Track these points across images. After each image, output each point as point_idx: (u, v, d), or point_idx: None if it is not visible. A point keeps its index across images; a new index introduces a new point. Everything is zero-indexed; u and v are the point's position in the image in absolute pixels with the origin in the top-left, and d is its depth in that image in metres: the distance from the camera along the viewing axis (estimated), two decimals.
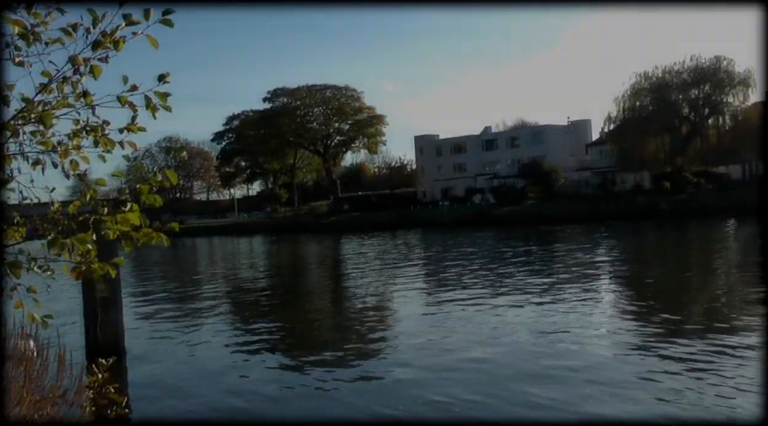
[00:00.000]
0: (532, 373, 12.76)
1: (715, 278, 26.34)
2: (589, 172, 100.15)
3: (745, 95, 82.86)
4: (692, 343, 14.31)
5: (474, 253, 42.90)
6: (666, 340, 14.84)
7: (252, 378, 13.76)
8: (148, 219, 3.93)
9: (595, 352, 14.33)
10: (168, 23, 3.66)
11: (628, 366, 12.99)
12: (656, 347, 14.36)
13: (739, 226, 51.93)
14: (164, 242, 3.92)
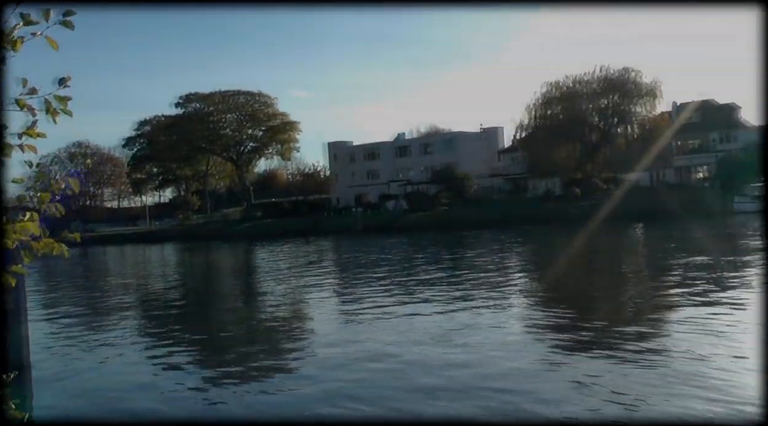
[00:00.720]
0: (430, 379, 12.75)
1: (623, 281, 27.05)
2: (501, 178, 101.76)
3: (652, 105, 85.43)
4: (594, 344, 14.77)
5: (385, 259, 43.09)
6: (570, 343, 15.22)
7: (163, 392, 13.38)
8: (55, 228, 3.76)
9: (499, 354, 14.38)
10: (68, 25, 3.49)
11: (539, 371, 13.08)
12: (560, 348, 14.74)
13: (646, 230, 53.65)
14: (65, 253, 3.74)
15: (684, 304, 19.31)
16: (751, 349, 13.31)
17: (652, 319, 17.97)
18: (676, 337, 15.15)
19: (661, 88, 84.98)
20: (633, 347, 14.18)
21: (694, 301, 19.45)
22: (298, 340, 18.10)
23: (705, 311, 17.64)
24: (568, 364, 13.38)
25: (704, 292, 20.87)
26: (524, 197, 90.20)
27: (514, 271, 31.69)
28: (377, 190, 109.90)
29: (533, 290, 25.57)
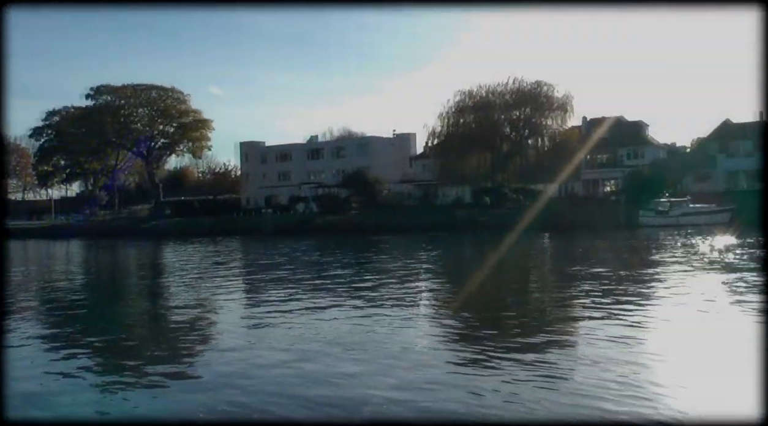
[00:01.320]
0: (320, 388, 12.64)
1: (527, 290, 27.59)
2: (412, 184, 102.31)
3: (563, 119, 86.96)
4: (492, 352, 14.90)
5: (293, 261, 42.85)
6: (470, 351, 15.34)
7: (66, 397, 12.74)
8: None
9: (394, 363, 14.31)
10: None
11: (439, 373, 13.29)
12: (460, 356, 14.90)
13: (554, 241, 54.75)
14: None
15: (581, 313, 19.92)
16: (650, 356, 13.91)
17: (552, 327, 18.18)
18: (574, 346, 15.60)
19: (572, 103, 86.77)
20: (532, 355, 14.41)
21: (591, 310, 19.98)
22: (197, 344, 17.66)
23: (601, 321, 18.15)
24: (466, 372, 13.39)
25: (602, 302, 21.33)
26: (434, 204, 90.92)
27: (421, 278, 31.68)
28: (288, 191, 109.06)
29: (439, 298, 25.59)
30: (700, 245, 43.91)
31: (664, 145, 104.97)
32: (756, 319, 17.73)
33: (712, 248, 41.32)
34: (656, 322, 18.07)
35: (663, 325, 17.69)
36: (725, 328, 17.18)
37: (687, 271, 29.46)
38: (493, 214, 73.67)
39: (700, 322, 17.82)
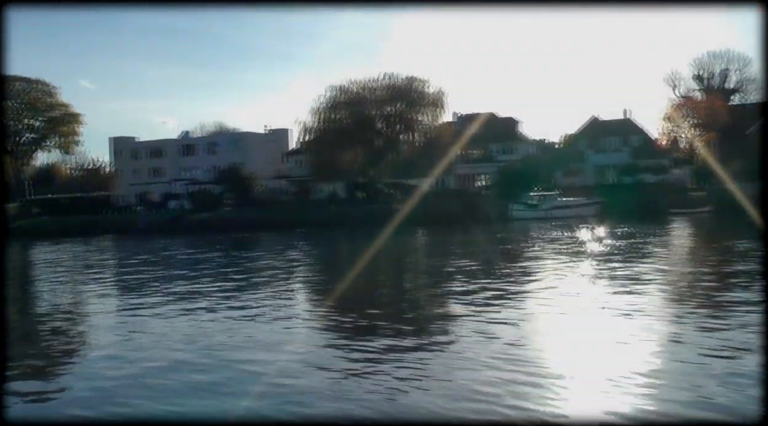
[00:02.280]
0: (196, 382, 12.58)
1: (400, 283, 27.55)
2: (287, 180, 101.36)
3: (436, 115, 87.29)
4: (365, 343, 15.22)
5: (165, 259, 41.76)
6: (347, 346, 15.26)
7: None
8: None
9: (276, 357, 14.25)
10: None
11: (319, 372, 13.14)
12: (329, 347, 15.23)
13: (429, 235, 54.88)
14: None
15: (454, 308, 19.98)
16: (523, 352, 13.92)
17: (426, 324, 18.04)
18: (445, 337, 15.73)
19: (444, 99, 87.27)
20: (402, 345, 14.65)
21: (463, 306, 20.03)
22: (63, 346, 17.03)
23: (473, 317, 18.09)
24: (340, 372, 13.17)
25: (473, 297, 21.37)
26: (309, 200, 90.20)
27: (296, 275, 31.32)
28: (161, 188, 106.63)
29: (313, 296, 25.24)
30: (568, 237, 44.72)
31: (536, 141, 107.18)
32: (620, 310, 18.08)
33: (580, 240, 42.16)
34: (526, 316, 18.21)
35: (534, 319, 17.84)
36: (593, 321, 17.35)
37: (556, 263, 30.06)
38: (368, 210, 73.45)
39: (568, 316, 18.01)
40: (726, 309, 17.79)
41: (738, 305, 18.27)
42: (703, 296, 20.36)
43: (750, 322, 15.85)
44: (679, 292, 21.40)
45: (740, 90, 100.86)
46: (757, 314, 16.62)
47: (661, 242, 40.83)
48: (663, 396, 10.79)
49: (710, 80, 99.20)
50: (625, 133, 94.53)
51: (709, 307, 18.35)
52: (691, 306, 18.62)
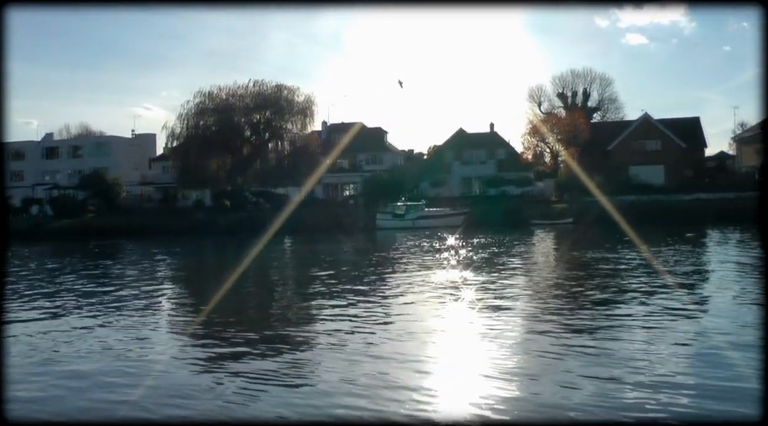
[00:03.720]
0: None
1: (268, 291, 27.25)
2: (152, 187, 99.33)
3: (304, 123, 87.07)
4: (234, 350, 15.21)
5: (19, 269, 39.75)
6: (214, 354, 15.14)
7: None
8: None
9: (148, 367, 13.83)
10: None
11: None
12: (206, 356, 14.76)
13: (294, 244, 54.63)
14: None
15: (320, 318, 19.78)
16: (388, 357, 13.99)
17: (292, 332, 17.81)
18: (315, 350, 15.43)
19: (312, 108, 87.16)
20: (275, 361, 14.21)
21: (330, 314, 19.96)
22: None
23: (341, 323, 18.29)
24: (208, 379, 13.00)
25: (340, 305, 21.42)
26: (175, 207, 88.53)
27: (160, 285, 30.21)
28: (22, 193, 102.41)
29: (178, 305, 24.51)
30: (432, 247, 45.24)
31: (403, 151, 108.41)
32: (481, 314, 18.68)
33: (443, 250, 42.68)
34: (393, 322, 18.42)
35: (399, 325, 17.90)
36: (452, 325, 17.69)
37: (419, 272, 30.32)
38: (234, 218, 72.63)
39: (431, 322, 18.27)
40: (581, 312, 18.58)
41: (595, 307, 19.16)
42: (558, 300, 21.09)
43: (601, 325, 16.68)
44: (537, 296, 22.11)
45: (601, 108, 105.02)
46: (607, 318, 17.28)
47: (522, 252, 41.85)
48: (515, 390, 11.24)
49: (573, 98, 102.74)
50: (491, 146, 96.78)
51: (568, 309, 19.19)
52: (547, 308, 19.33)
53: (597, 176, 70.04)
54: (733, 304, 19.79)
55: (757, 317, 17.46)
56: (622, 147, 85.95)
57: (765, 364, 12.34)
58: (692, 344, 14.51)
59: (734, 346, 13.87)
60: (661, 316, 17.84)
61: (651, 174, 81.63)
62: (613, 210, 53.96)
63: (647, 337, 15.21)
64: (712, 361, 12.90)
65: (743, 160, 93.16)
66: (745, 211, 63.52)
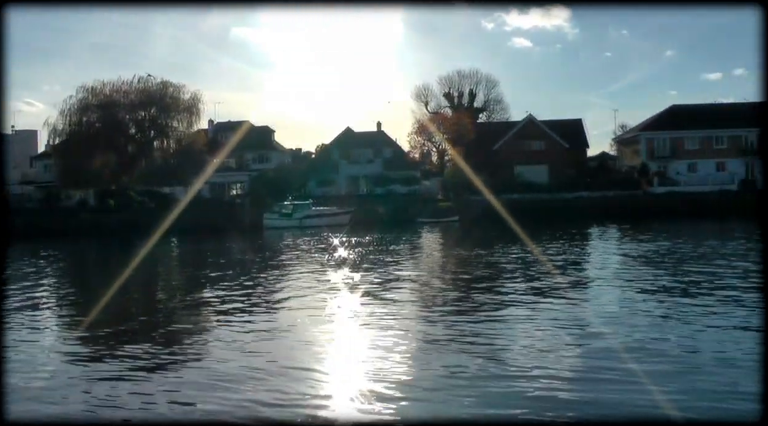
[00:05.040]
0: None
1: (156, 295, 27.20)
2: (34, 186, 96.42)
3: (190, 121, 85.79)
4: (122, 356, 15.30)
5: None
6: (101, 358, 15.39)
7: None
8: None
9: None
10: None
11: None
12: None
13: (180, 244, 54.23)
14: None
15: (208, 319, 20.42)
16: (276, 360, 14.39)
17: (181, 335, 18.16)
18: (203, 354, 15.72)
19: (198, 106, 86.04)
20: (154, 355, 14.87)
21: (219, 315, 20.69)
22: None
23: (228, 326, 18.79)
24: (100, 385, 13.09)
25: (229, 307, 21.94)
26: (57, 207, 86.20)
27: (43, 289, 29.69)
28: None
29: (65, 309, 24.30)
30: (319, 246, 45.75)
31: (291, 150, 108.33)
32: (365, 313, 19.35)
33: (330, 249, 43.25)
34: (279, 324, 18.88)
35: (285, 326, 18.41)
36: (339, 326, 18.43)
37: (305, 271, 30.85)
38: (119, 219, 71.40)
39: (318, 322, 18.78)
40: (470, 314, 19.38)
41: (481, 303, 20.12)
42: (443, 299, 21.99)
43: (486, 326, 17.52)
44: (423, 295, 22.98)
45: (487, 109, 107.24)
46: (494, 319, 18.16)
47: (409, 250, 42.80)
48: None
49: (460, 98, 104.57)
50: (378, 145, 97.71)
51: (452, 311, 19.94)
52: (434, 308, 20.18)
53: (482, 175, 71.73)
54: (617, 295, 21.39)
55: (647, 307, 18.91)
56: (507, 147, 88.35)
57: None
58: (581, 342, 15.56)
59: (625, 346, 14.87)
60: (547, 311, 18.98)
61: (535, 173, 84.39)
62: (499, 208, 55.60)
63: (537, 335, 16.26)
64: (603, 357, 13.95)
65: (623, 160, 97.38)
66: (625, 209, 67.15)
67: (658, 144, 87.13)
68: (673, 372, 12.65)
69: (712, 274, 26.19)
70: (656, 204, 72.27)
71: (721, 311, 18.45)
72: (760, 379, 11.78)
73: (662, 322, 17.36)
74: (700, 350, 14.29)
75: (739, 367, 12.84)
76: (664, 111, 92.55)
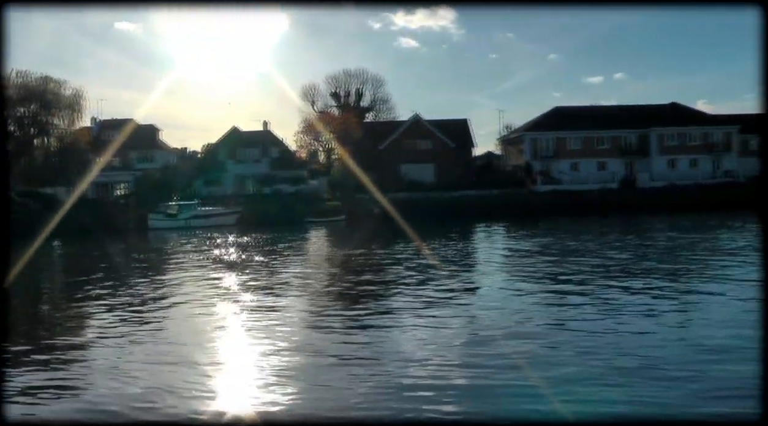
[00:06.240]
0: None
1: (38, 302, 26.82)
2: None
3: (72, 119, 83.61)
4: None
5: None
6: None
7: None
8: None
9: None
10: None
11: None
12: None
13: (65, 247, 53.07)
14: None
15: (94, 328, 20.07)
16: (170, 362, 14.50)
17: (63, 343, 18.06)
18: (88, 360, 15.81)
19: (81, 103, 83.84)
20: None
21: (96, 319, 20.83)
22: None
23: (117, 329, 19.01)
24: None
25: (116, 313, 21.89)
26: None
27: None
28: None
29: None
30: (206, 247, 45.69)
31: (176, 149, 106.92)
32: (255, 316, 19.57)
33: (216, 249, 43.27)
34: (163, 324, 19.43)
35: (174, 329, 18.91)
36: (226, 327, 18.95)
37: (190, 273, 30.88)
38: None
39: (204, 324, 19.21)
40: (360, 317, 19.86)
41: (368, 301, 20.86)
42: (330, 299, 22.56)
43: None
44: (309, 294, 23.54)
45: (374, 108, 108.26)
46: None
47: (295, 249, 43.26)
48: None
49: (346, 98, 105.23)
50: (265, 145, 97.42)
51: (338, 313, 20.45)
52: (320, 305, 20.77)
53: (370, 174, 72.58)
54: (500, 291, 22.45)
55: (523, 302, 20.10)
56: (394, 146, 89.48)
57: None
58: (464, 334, 16.40)
59: (506, 335, 15.97)
60: (433, 307, 19.85)
61: (422, 172, 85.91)
62: (386, 206, 56.54)
63: (424, 332, 17.03)
64: (486, 346, 14.92)
65: (508, 159, 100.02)
66: (510, 207, 69.32)
67: (542, 144, 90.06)
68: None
69: (580, 267, 28.06)
70: (541, 202, 75.15)
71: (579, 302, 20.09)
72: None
73: (536, 309, 18.74)
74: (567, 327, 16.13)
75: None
76: (548, 112, 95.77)
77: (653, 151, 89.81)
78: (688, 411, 11.06)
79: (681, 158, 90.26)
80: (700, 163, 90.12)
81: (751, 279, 23.38)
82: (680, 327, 16.78)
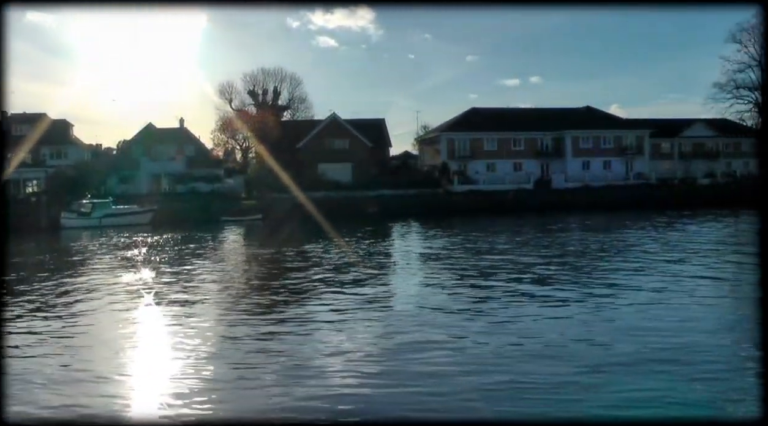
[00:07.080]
0: None
1: None
2: None
3: None
4: None
5: None
6: None
7: None
8: None
9: None
10: None
11: None
12: None
13: None
14: None
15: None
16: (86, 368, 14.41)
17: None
18: None
19: None
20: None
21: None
22: None
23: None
24: None
25: (26, 316, 21.54)
26: None
27: None
28: None
29: None
30: (120, 246, 45.40)
31: (90, 145, 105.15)
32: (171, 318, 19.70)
33: (129, 249, 43.07)
34: (70, 330, 19.09)
35: (77, 331, 18.74)
36: (140, 330, 19.01)
37: (103, 274, 30.75)
38: None
39: (117, 327, 19.21)
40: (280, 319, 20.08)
41: (285, 302, 21.28)
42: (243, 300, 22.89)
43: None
44: (220, 297, 23.83)
45: (291, 107, 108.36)
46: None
47: (211, 248, 43.30)
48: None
49: (264, 96, 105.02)
50: (180, 142, 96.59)
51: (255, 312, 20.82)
52: (236, 307, 21.09)
53: (287, 173, 72.82)
54: (420, 289, 23.21)
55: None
56: (311, 145, 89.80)
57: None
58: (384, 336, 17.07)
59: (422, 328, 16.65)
60: (352, 306, 20.40)
61: (339, 171, 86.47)
62: (304, 205, 56.96)
63: (343, 334, 17.56)
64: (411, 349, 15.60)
65: (425, 159, 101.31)
66: (427, 206, 70.63)
67: (459, 144, 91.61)
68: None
69: (491, 265, 29.13)
70: (457, 202, 76.73)
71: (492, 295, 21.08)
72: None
73: (448, 299, 19.66)
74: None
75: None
76: (464, 112, 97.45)
77: (568, 153, 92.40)
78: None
79: (595, 160, 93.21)
80: (613, 165, 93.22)
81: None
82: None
